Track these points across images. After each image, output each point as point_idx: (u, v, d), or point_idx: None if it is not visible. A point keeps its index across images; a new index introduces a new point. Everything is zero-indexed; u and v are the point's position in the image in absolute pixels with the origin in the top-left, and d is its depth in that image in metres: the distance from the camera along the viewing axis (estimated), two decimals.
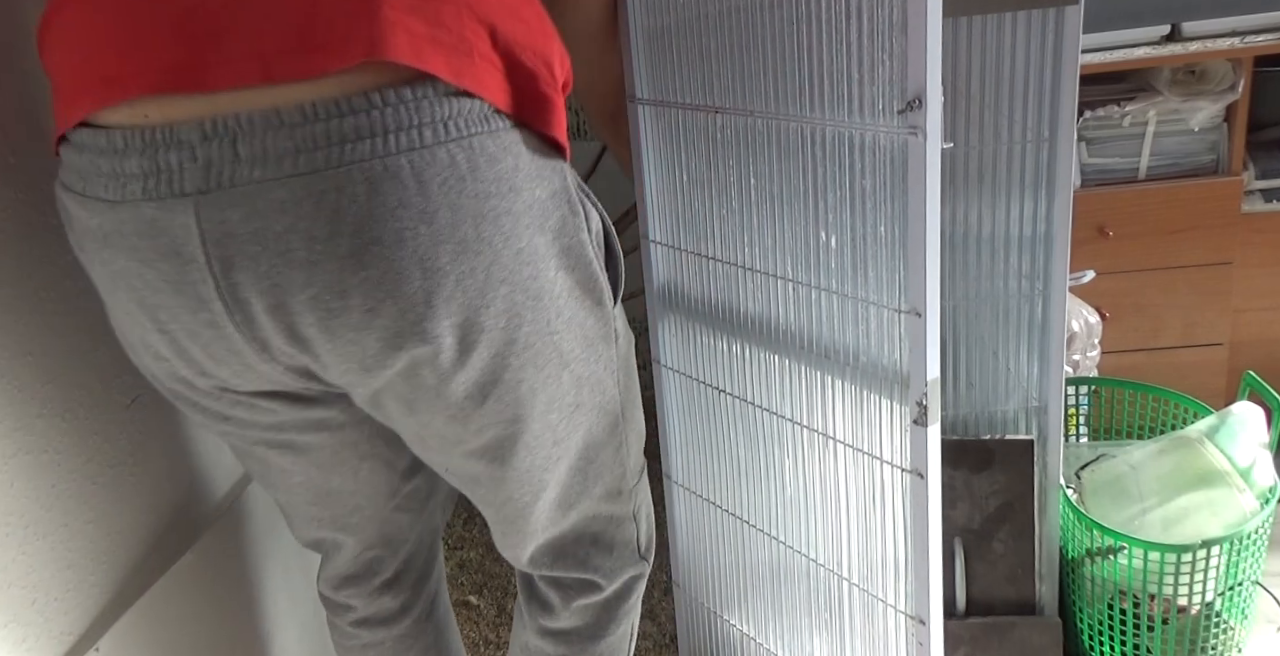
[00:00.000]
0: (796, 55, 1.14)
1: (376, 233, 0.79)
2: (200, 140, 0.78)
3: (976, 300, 1.57)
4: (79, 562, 1.08)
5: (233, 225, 0.79)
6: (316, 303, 0.82)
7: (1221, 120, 2.01)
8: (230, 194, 0.78)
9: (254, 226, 0.79)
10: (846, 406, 1.25)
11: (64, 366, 1.07)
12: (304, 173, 0.78)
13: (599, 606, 1.21)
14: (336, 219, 0.79)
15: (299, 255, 0.80)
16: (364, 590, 1.25)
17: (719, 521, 1.53)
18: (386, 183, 0.79)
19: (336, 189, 0.78)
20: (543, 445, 1.02)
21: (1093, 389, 1.86)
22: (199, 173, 0.78)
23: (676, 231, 1.42)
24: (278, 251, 0.79)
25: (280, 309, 0.83)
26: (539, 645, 1.23)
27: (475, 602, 1.95)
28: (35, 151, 1.05)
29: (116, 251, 0.83)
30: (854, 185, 1.13)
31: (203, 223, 0.79)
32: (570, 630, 1.21)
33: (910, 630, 1.25)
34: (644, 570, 1.24)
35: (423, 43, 0.80)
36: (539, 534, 1.13)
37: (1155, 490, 1.56)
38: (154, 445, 1.22)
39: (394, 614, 1.28)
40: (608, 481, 1.14)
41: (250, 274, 0.81)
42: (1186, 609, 1.55)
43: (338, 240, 0.79)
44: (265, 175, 0.78)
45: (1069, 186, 1.48)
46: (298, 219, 0.78)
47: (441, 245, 0.82)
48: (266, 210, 0.78)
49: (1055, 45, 1.42)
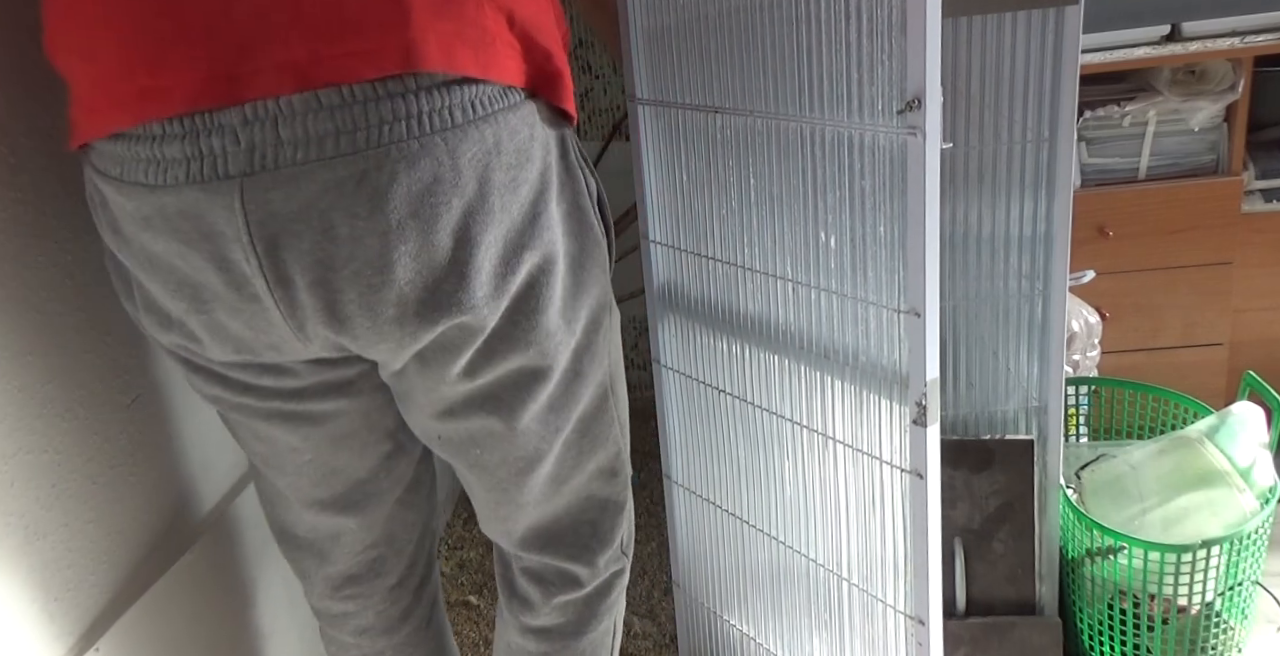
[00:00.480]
0: (796, 55, 1.14)
1: (414, 208, 0.84)
2: (241, 124, 0.81)
3: (976, 300, 1.57)
4: (79, 562, 1.08)
5: (276, 205, 0.82)
6: (358, 278, 0.86)
7: (1221, 120, 2.01)
8: (274, 175, 0.81)
9: (296, 205, 0.82)
10: (846, 406, 1.25)
11: (64, 366, 1.07)
12: (345, 154, 0.81)
13: (580, 603, 1.20)
14: (376, 196, 0.83)
15: (341, 232, 0.83)
16: (368, 590, 1.24)
17: (719, 521, 1.53)
18: (423, 160, 0.83)
19: (376, 168, 0.82)
20: (544, 407, 1.04)
21: (1093, 389, 1.86)
22: (242, 156, 0.81)
23: (676, 231, 1.42)
24: (320, 229, 0.83)
25: (322, 285, 0.86)
26: (521, 643, 1.23)
27: (475, 602, 1.95)
28: (35, 151, 1.05)
29: (158, 233, 0.86)
30: (853, 185, 1.14)
31: (247, 204, 0.82)
32: (551, 628, 1.21)
33: (910, 630, 1.25)
34: (624, 566, 1.24)
35: (451, 41, 0.84)
36: (530, 508, 1.12)
37: (1155, 490, 1.57)
38: (154, 445, 1.22)
39: (395, 621, 1.27)
40: (600, 458, 1.14)
41: (293, 252, 0.84)
42: (1186, 609, 1.55)
43: (378, 217, 0.83)
44: (307, 156, 0.81)
45: (1069, 186, 1.48)
46: (340, 197, 0.82)
47: (473, 216, 0.87)
48: (309, 190, 0.82)
49: (1055, 45, 1.42)
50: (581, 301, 1.01)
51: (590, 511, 1.16)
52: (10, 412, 1.00)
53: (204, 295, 0.89)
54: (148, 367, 1.21)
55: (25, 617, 1.01)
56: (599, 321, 1.05)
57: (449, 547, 2.12)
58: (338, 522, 1.17)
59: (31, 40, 1.05)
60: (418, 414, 1.06)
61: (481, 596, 1.96)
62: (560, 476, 1.11)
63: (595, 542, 1.17)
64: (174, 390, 1.26)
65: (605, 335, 1.07)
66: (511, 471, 1.08)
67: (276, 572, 1.46)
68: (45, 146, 1.06)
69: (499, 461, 1.07)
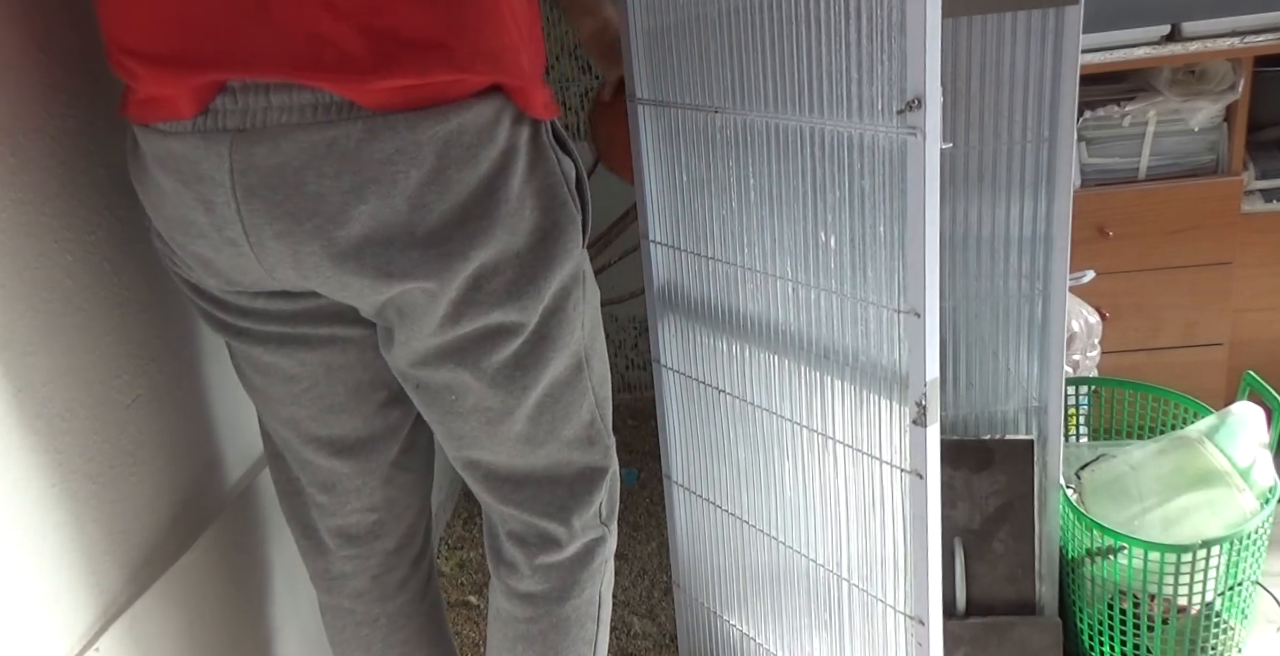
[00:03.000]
0: (796, 55, 1.14)
1: (374, 173, 0.96)
2: (241, 89, 0.95)
3: (976, 300, 1.57)
4: (79, 562, 1.08)
5: (259, 159, 0.95)
6: (320, 231, 0.98)
7: (1221, 120, 2.01)
8: (260, 133, 0.95)
9: (275, 161, 0.95)
10: (846, 407, 1.25)
11: (64, 366, 1.07)
12: (321, 122, 0.94)
13: (562, 569, 1.24)
14: (344, 159, 0.95)
15: (310, 188, 0.96)
16: (365, 552, 1.30)
17: (719, 521, 1.53)
18: (386, 133, 0.95)
19: (345, 136, 0.94)
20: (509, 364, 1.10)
21: (1093, 389, 1.87)
22: (238, 114, 0.95)
23: (676, 231, 1.42)
24: (293, 184, 0.96)
25: (289, 235, 0.98)
26: (508, 608, 1.27)
27: (475, 602, 1.95)
28: (36, 152, 1.05)
29: (166, 173, 1.00)
30: (853, 185, 1.14)
31: (234, 155, 0.96)
32: (536, 593, 1.25)
33: (910, 630, 1.25)
34: (604, 535, 1.27)
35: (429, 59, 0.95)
36: (504, 457, 1.18)
37: (1155, 490, 1.57)
38: (154, 445, 1.22)
39: (390, 589, 1.33)
40: (575, 426, 1.18)
41: (267, 202, 0.97)
42: (1186, 609, 1.55)
43: (343, 177, 0.95)
44: (290, 121, 0.95)
45: (1069, 186, 1.48)
46: (312, 158, 0.95)
47: (429, 186, 0.97)
48: (288, 149, 0.95)
49: (1055, 45, 1.42)
50: (550, 269, 1.07)
51: (566, 475, 1.21)
52: (10, 413, 1.00)
53: (192, 231, 1.02)
54: (148, 368, 1.21)
55: (25, 617, 1.01)
56: (569, 290, 1.11)
57: (449, 547, 2.12)
58: (334, 465, 1.23)
59: (33, 41, 1.05)
60: (397, 360, 1.13)
61: (481, 596, 1.96)
62: (534, 438, 1.17)
63: (572, 503, 1.22)
64: (174, 390, 1.27)
65: (577, 306, 1.13)
66: (482, 420, 1.14)
67: (278, 572, 1.46)
68: (46, 147, 1.07)
69: (471, 408, 1.13)
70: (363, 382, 1.19)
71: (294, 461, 1.25)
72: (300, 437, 1.22)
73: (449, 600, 1.96)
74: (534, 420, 1.15)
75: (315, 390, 1.18)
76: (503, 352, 1.09)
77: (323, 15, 0.91)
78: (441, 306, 1.04)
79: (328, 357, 1.16)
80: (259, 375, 1.18)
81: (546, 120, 1.06)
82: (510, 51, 0.99)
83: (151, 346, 1.22)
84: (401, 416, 1.24)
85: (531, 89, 1.02)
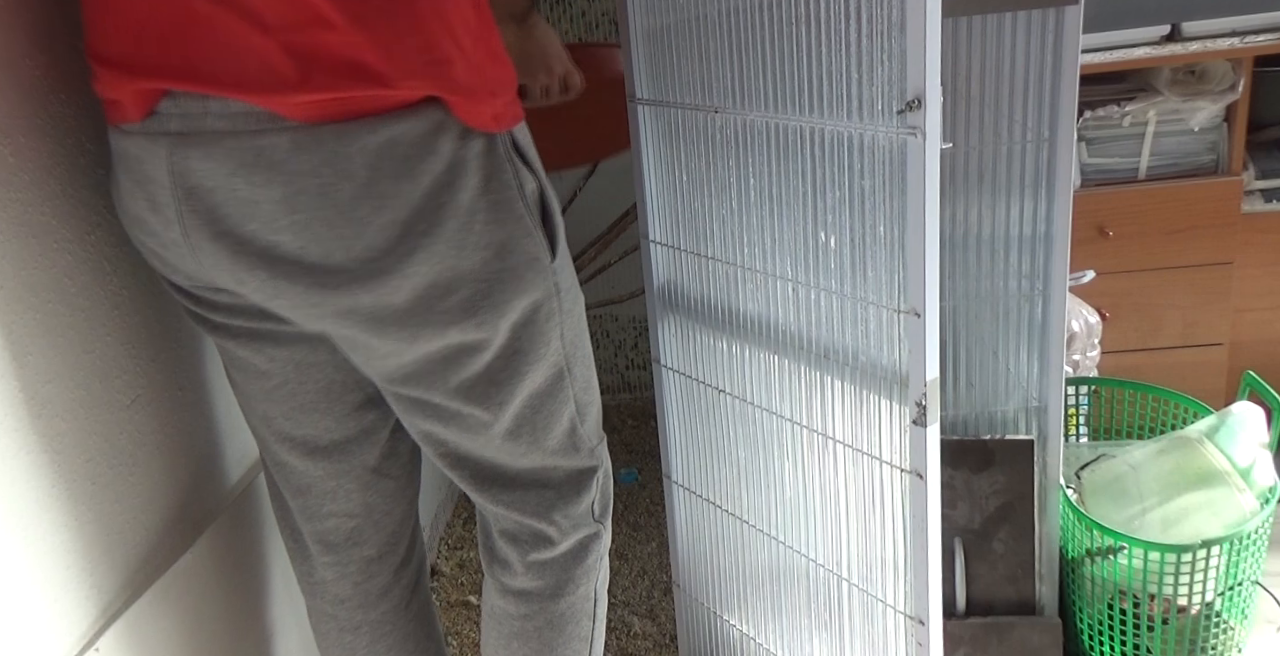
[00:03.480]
0: (796, 55, 1.14)
1: (302, 185, 0.96)
2: (185, 96, 0.97)
3: (976, 300, 1.57)
4: (79, 562, 1.08)
5: (195, 163, 0.97)
6: (254, 237, 0.99)
7: (1221, 120, 2.01)
8: (198, 138, 0.97)
9: (210, 166, 0.97)
10: (846, 407, 1.25)
11: (64, 366, 1.07)
12: (253, 130, 0.95)
13: (555, 565, 1.24)
14: (271, 169, 0.95)
15: (241, 194, 0.97)
16: (344, 559, 1.28)
17: (719, 521, 1.53)
18: (311, 144, 0.95)
19: (274, 146, 0.95)
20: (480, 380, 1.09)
21: (1093, 389, 1.86)
22: (179, 118, 0.97)
23: (676, 231, 1.42)
24: (227, 189, 0.97)
25: (223, 239, 0.99)
26: (502, 605, 1.27)
27: (476, 602, 1.95)
28: (35, 151, 1.05)
29: (123, 171, 1.03)
30: (853, 185, 1.14)
31: (173, 158, 0.98)
32: (530, 590, 1.25)
33: (910, 630, 1.25)
34: (598, 532, 1.26)
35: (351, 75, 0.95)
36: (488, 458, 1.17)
37: (1155, 490, 1.57)
38: (154, 445, 1.22)
39: (372, 597, 1.31)
40: (557, 435, 1.18)
41: (204, 205, 0.98)
42: (1186, 609, 1.55)
43: (272, 186, 0.96)
44: (223, 127, 0.96)
45: (1069, 186, 1.48)
46: (241, 165, 0.96)
47: (362, 200, 0.97)
48: (220, 155, 0.96)
49: (1055, 45, 1.42)
50: (510, 285, 1.05)
51: (554, 479, 1.21)
52: (10, 413, 1.00)
53: (146, 228, 1.04)
54: (147, 368, 1.21)
55: (25, 617, 1.01)
56: (540, 305, 1.09)
57: (449, 547, 2.12)
58: (308, 467, 1.22)
59: (31, 41, 1.05)
60: (367, 374, 1.13)
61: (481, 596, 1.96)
62: (515, 450, 1.16)
63: (561, 503, 1.21)
64: (174, 391, 1.26)
65: (552, 318, 1.11)
66: (460, 431, 1.14)
67: (278, 572, 1.46)
68: (45, 147, 1.07)
69: (448, 421, 1.13)
70: (335, 382, 1.18)
71: (270, 462, 1.25)
72: (274, 436, 1.21)
73: (449, 600, 1.96)
74: (514, 433, 1.15)
75: (286, 387, 1.17)
76: (470, 369, 1.08)
77: (253, 31, 0.93)
78: (388, 326, 1.03)
79: (297, 355, 1.15)
80: (236, 371, 1.19)
81: (501, 132, 1.03)
82: (443, 64, 0.97)
83: (151, 346, 1.22)
84: (379, 420, 1.23)
85: (475, 101, 1.00)
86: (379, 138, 0.96)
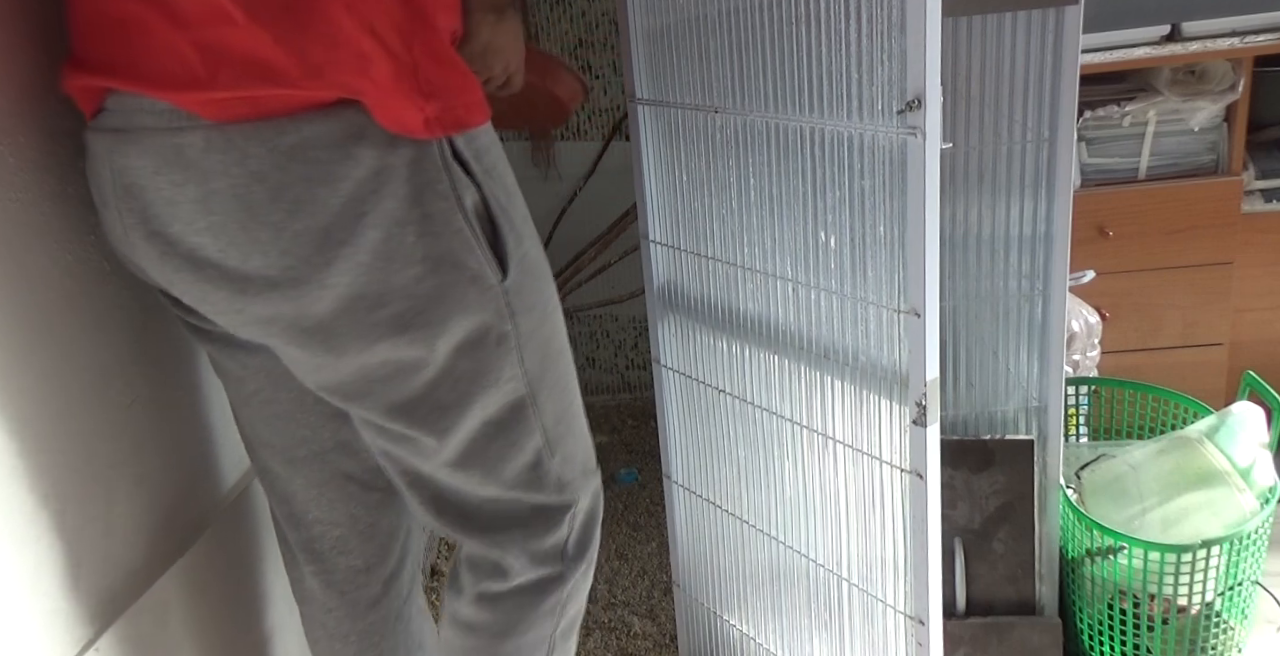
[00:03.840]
0: (796, 55, 1.14)
1: (216, 185, 0.94)
2: (123, 94, 0.97)
3: (976, 300, 1.57)
4: (79, 562, 1.08)
5: (130, 159, 0.97)
6: (182, 239, 0.98)
7: (1221, 120, 2.01)
8: (131, 135, 0.97)
9: (139, 163, 0.96)
10: (846, 407, 1.25)
11: (64, 366, 1.07)
12: (174, 128, 0.94)
13: (506, 601, 1.17)
14: (187, 168, 0.95)
15: (165, 193, 0.96)
16: (330, 567, 1.25)
17: (719, 521, 1.53)
18: (221, 143, 0.93)
19: (190, 144, 0.94)
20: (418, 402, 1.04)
21: (1093, 389, 1.86)
22: (119, 116, 0.98)
23: (676, 231, 1.42)
24: (154, 188, 0.97)
25: (153, 239, 0.99)
26: (449, 634, 1.22)
27: None
28: (35, 151, 1.05)
29: (89, 166, 1.03)
30: (853, 185, 1.14)
31: (112, 155, 0.98)
32: (475, 623, 1.18)
33: (910, 630, 1.25)
34: (560, 573, 1.17)
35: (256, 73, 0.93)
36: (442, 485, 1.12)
37: (1155, 490, 1.57)
38: (154, 445, 1.22)
39: (361, 607, 1.28)
40: (517, 469, 1.11)
41: (137, 203, 0.98)
42: (1186, 609, 1.55)
43: (189, 185, 0.95)
44: (150, 125, 0.95)
45: (1069, 186, 1.48)
46: (163, 163, 0.95)
47: (275, 204, 0.94)
48: (147, 153, 0.96)
49: (1055, 45, 1.42)
50: (447, 303, 0.99)
51: (519, 512, 1.14)
52: (10, 413, 1.00)
53: (104, 225, 1.04)
54: (147, 369, 1.21)
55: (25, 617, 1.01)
56: (489, 326, 1.02)
57: (449, 547, 2.12)
58: (290, 475, 1.21)
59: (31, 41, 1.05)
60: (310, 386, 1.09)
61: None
62: (469, 480, 1.11)
63: (522, 536, 1.14)
64: (174, 392, 1.26)
65: (505, 342, 1.04)
66: (411, 451, 1.10)
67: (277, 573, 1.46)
68: (45, 146, 1.06)
69: (397, 437, 1.09)
70: (307, 392, 1.13)
71: (257, 468, 1.24)
72: (256, 442, 1.20)
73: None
74: (462, 463, 1.09)
75: (261, 395, 1.16)
76: (408, 389, 1.03)
77: (172, 28, 0.92)
78: (312, 336, 0.99)
79: (267, 362, 1.12)
80: (220, 375, 1.19)
81: (435, 138, 0.96)
82: (359, 63, 0.92)
83: (152, 348, 1.22)
84: (356, 432, 1.17)
85: (399, 104, 0.94)
86: (289, 139, 0.92)
